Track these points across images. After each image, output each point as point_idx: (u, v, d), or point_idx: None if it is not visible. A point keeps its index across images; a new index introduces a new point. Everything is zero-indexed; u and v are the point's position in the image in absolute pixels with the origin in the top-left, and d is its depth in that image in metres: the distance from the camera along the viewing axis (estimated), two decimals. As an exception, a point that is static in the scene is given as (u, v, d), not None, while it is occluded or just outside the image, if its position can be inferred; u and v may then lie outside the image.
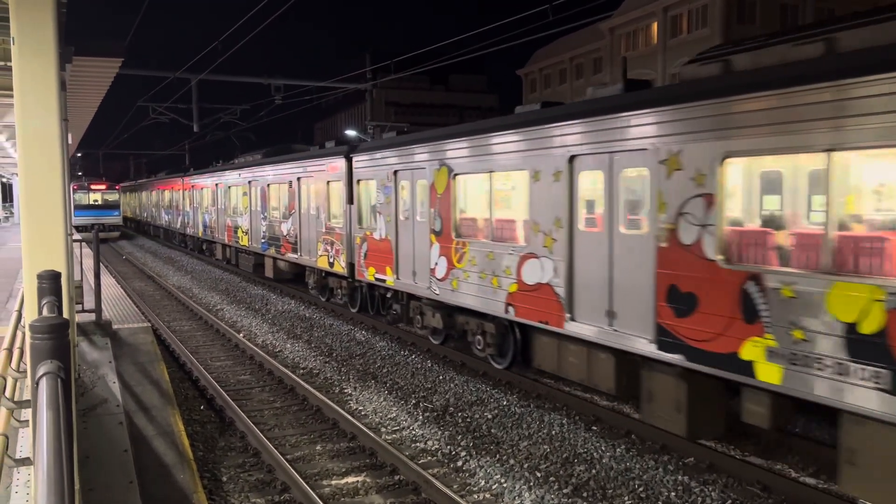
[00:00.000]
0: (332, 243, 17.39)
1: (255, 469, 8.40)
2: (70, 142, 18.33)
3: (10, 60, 6.18)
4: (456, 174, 12.19)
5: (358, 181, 16.00)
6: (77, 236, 16.24)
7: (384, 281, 14.74)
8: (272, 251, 22.10)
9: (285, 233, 20.65)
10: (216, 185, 28.79)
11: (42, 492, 1.76)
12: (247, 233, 24.62)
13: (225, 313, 18.83)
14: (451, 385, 11.54)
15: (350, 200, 16.36)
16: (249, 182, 24.16)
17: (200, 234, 32.34)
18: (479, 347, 12.21)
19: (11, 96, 6.14)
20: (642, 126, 8.36)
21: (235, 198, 26.21)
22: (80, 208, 44.04)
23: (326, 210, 17.72)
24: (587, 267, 9.28)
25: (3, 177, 46.89)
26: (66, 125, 9.31)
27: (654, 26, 44.64)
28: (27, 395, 6.50)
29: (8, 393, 5.12)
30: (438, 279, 12.62)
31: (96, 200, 46.40)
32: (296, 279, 22.00)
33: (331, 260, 17.49)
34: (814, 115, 6.41)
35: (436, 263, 12.71)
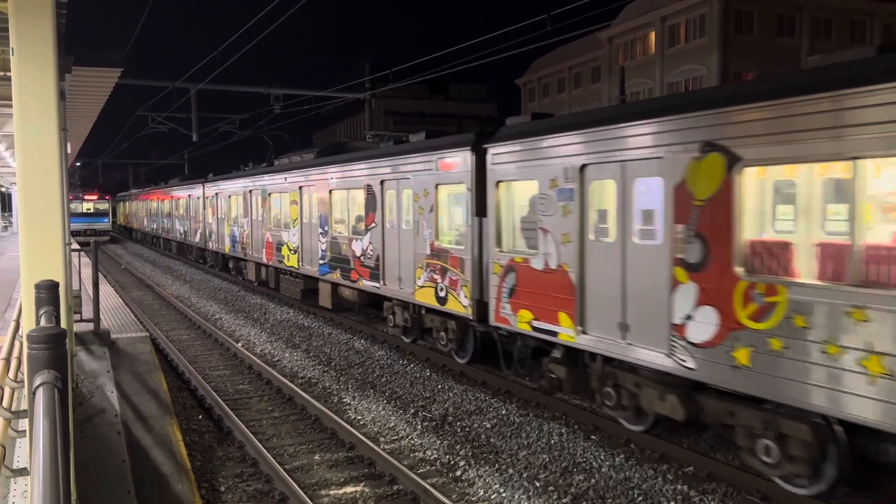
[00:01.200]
0: (443, 271, 12.75)
1: (254, 479, 8.37)
2: (69, 151, 18.36)
3: (10, 70, 6.20)
4: (746, 164, 7.28)
5: (497, 183, 11.26)
6: (75, 245, 16.23)
7: (553, 333, 10.06)
8: (335, 275, 17.20)
9: (359, 253, 15.85)
10: (248, 191, 24.00)
11: (38, 502, 1.76)
12: (295, 251, 19.74)
13: (224, 322, 18.81)
14: (450, 394, 11.52)
15: (481, 212, 11.72)
16: (301, 187, 19.26)
17: (227, 251, 27.22)
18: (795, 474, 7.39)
19: (10, 106, 6.16)
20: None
21: (279, 207, 21.34)
22: (74, 216, 49.93)
23: (433, 224, 12.95)
24: None
25: (2, 186, 46.89)
26: (66, 135, 9.33)
27: (652, 35, 44.83)
28: (24, 405, 6.49)
29: (5, 403, 5.11)
30: (695, 343, 7.87)
31: (89, 209, 54.41)
32: (360, 309, 18.17)
33: (441, 293, 12.83)
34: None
35: (687, 316, 7.96)
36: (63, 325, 6.19)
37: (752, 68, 39.10)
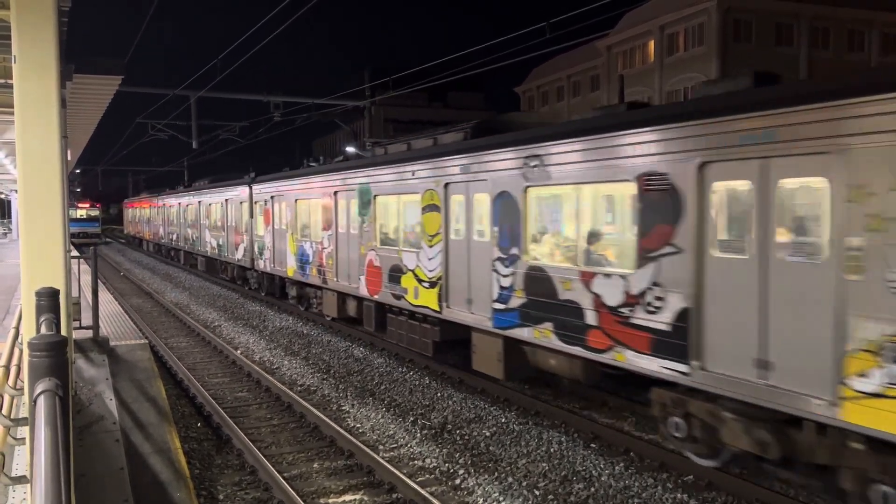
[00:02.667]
0: None
1: (252, 487, 8.35)
2: (69, 158, 18.38)
3: (11, 78, 6.22)
4: None
5: None
6: (74, 252, 16.22)
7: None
8: (542, 333, 10.10)
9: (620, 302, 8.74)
10: (334, 193, 17.21)
11: (40, 510, 1.75)
12: (433, 283, 12.85)
13: (223, 330, 18.79)
14: (450, 402, 11.50)
15: None
16: (448, 185, 12.39)
17: (291, 274, 20.49)
18: None
19: (11, 113, 6.17)
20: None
21: (397, 215, 14.71)
22: (70, 220, 53.31)
23: None
24: None
25: (2, 193, 46.93)
26: (66, 142, 9.35)
27: (651, 44, 45.00)
28: (23, 413, 6.48)
29: (4, 410, 5.10)
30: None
31: (82, 215, 61.01)
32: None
33: None
34: None
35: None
36: (63, 332, 6.18)
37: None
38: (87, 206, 62.82)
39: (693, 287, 7.63)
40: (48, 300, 5.24)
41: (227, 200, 27.30)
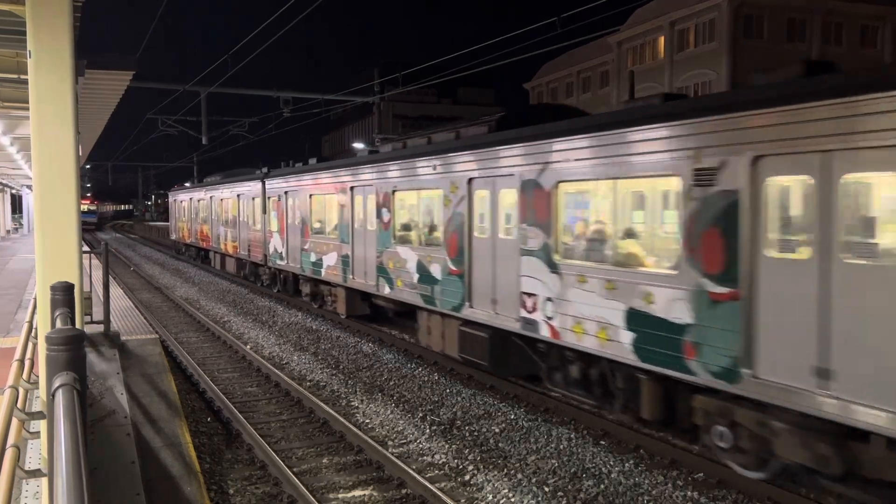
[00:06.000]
0: None
1: (262, 482, 8.38)
2: (80, 153, 18.48)
3: (25, 73, 6.25)
4: None
5: None
6: (85, 248, 16.31)
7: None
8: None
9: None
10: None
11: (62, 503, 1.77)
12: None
13: (232, 325, 18.86)
14: (459, 398, 11.52)
15: None
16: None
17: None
18: None
19: (25, 109, 6.22)
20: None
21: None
22: None
23: None
24: None
25: (14, 188, 47.23)
26: (78, 138, 9.39)
27: (661, 40, 44.76)
28: (36, 407, 6.52)
29: (19, 404, 5.14)
30: None
31: (84, 209, 72.43)
32: None
33: None
34: None
35: None
36: (77, 326, 6.22)
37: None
38: (88, 202, 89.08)
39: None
40: (63, 294, 5.27)
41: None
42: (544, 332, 10.06)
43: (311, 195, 19.23)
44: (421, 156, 13.32)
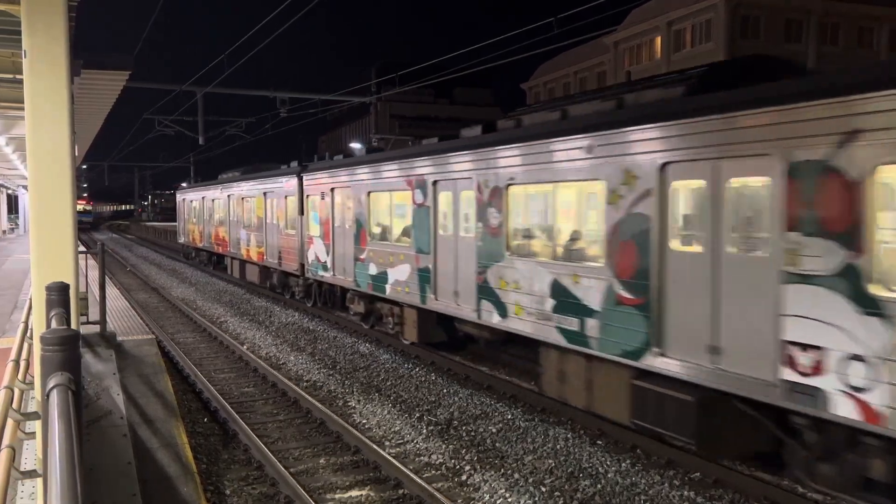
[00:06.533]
0: None
1: (259, 482, 8.37)
2: (76, 153, 18.43)
3: (21, 73, 6.23)
4: None
5: None
6: (81, 248, 16.25)
7: None
8: None
9: None
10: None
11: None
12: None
13: (229, 325, 18.84)
14: (456, 398, 11.51)
15: None
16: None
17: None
18: None
19: (21, 108, 6.20)
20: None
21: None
22: None
23: None
24: None
25: (10, 188, 47.12)
26: (74, 137, 9.37)
27: (658, 41, 44.84)
28: (32, 408, 6.50)
29: (14, 405, 5.12)
30: None
31: (80, 209, 75.93)
32: None
33: None
34: None
35: None
36: (72, 326, 6.20)
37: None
38: (84, 202, 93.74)
39: None
40: (59, 295, 5.26)
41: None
42: (843, 410, 6.29)
43: (369, 192, 15.50)
44: (559, 135, 9.74)
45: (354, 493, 8.02)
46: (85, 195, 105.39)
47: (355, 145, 30.15)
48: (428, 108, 76.38)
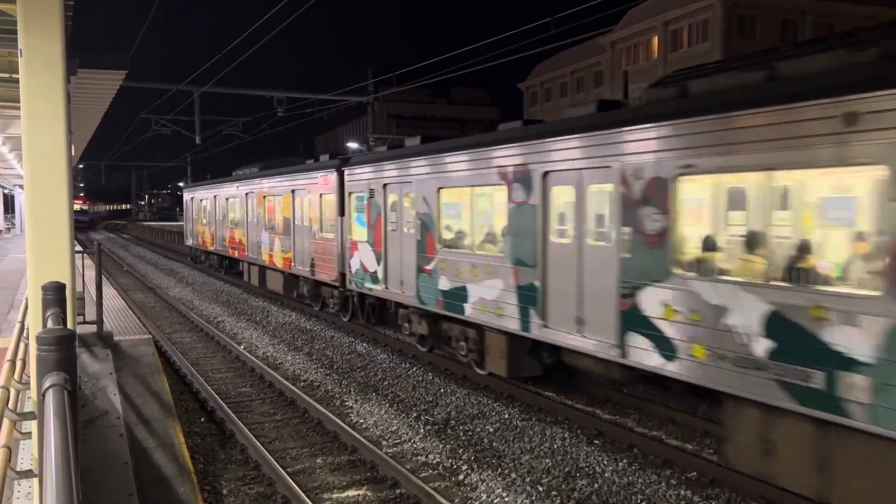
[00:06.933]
0: None
1: (256, 482, 8.36)
2: (73, 153, 18.37)
3: (17, 72, 6.22)
4: None
5: None
6: (78, 248, 16.20)
7: None
8: None
9: None
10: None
11: (51, 504, 1.76)
12: None
13: (226, 325, 18.82)
14: (453, 398, 11.51)
15: None
16: None
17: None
18: None
19: (17, 108, 6.18)
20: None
21: None
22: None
23: None
24: None
25: (6, 188, 47.02)
26: (71, 137, 9.35)
27: (655, 40, 44.89)
28: (28, 407, 6.49)
29: (10, 405, 5.11)
30: None
31: (77, 209, 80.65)
32: None
33: None
34: None
35: None
36: (69, 326, 6.19)
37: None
38: (81, 202, 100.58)
39: None
40: (55, 294, 5.25)
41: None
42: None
43: (439, 189, 12.78)
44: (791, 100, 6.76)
45: (351, 492, 8.02)
46: (81, 195, 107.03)
47: (352, 145, 30.14)
48: (425, 107, 76.42)
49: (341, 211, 16.85)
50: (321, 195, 17.96)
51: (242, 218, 25.24)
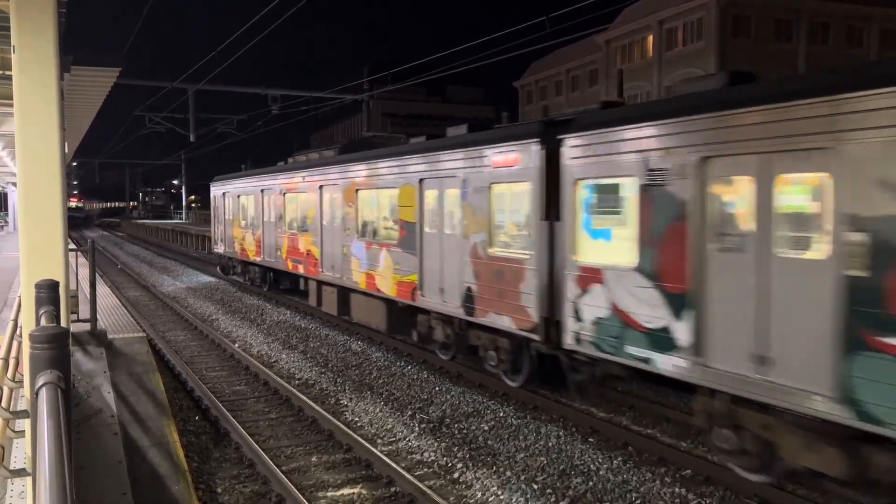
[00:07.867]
0: None
1: (251, 480, 8.35)
2: (66, 150, 18.27)
3: (10, 69, 6.18)
4: None
5: None
6: (72, 245, 16.11)
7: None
8: None
9: None
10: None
11: (45, 503, 1.75)
12: None
13: (220, 323, 18.78)
14: (448, 396, 11.52)
15: None
16: None
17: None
18: None
19: (10, 105, 6.15)
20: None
21: None
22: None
23: None
24: None
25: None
26: (64, 134, 9.30)
27: (650, 39, 44.93)
28: (21, 405, 6.46)
29: (3, 403, 5.09)
30: None
31: (71, 206, 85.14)
32: None
33: None
34: None
35: None
36: (62, 324, 6.16)
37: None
38: (76, 200, 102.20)
39: None
40: (48, 292, 5.22)
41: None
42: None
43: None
44: None
45: (346, 490, 8.01)
46: (75, 192, 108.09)
47: None
48: (420, 106, 76.35)
49: (547, 213, 10.14)
50: (490, 185, 11.23)
51: (314, 220, 18.24)
